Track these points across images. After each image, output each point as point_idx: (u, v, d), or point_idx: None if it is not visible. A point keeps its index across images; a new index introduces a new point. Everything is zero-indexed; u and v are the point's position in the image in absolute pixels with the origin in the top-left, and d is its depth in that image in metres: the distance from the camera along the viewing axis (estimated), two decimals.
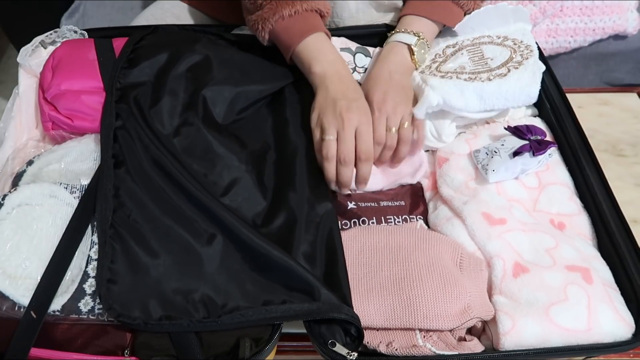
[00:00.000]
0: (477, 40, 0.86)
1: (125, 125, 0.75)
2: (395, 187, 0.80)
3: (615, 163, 0.94)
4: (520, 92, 0.79)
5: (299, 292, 0.63)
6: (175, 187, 0.70)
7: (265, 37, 0.82)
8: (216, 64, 0.82)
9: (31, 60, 0.84)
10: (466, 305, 0.62)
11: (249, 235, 0.66)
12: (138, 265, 0.65)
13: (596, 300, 0.64)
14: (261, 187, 0.75)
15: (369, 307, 0.63)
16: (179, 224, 0.68)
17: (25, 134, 0.81)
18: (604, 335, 0.62)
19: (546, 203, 0.75)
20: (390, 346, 0.62)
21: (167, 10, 1.05)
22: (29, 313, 0.61)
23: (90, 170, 0.74)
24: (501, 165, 0.74)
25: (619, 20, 1.25)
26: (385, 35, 0.86)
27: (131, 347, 0.63)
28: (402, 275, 0.65)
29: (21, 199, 0.68)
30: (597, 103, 1.04)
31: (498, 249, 0.68)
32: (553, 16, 1.25)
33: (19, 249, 0.65)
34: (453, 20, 0.85)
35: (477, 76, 0.79)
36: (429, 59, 0.85)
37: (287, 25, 0.79)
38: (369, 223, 0.74)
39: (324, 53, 0.78)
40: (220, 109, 0.80)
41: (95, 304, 0.64)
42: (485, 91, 0.77)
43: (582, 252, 0.70)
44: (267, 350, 0.62)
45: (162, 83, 0.79)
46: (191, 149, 0.75)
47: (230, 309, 0.63)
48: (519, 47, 0.83)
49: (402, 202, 0.77)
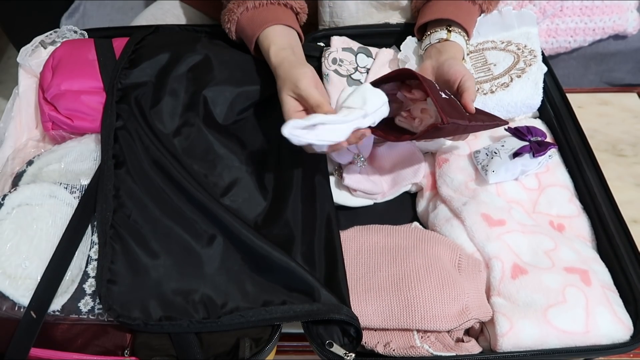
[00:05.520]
0: (481, 46, 0.86)
1: (126, 126, 0.75)
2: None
3: (615, 163, 0.94)
4: (522, 104, 0.80)
5: (299, 293, 0.63)
6: (176, 187, 0.70)
7: (232, 30, 0.81)
8: (217, 65, 0.82)
9: (31, 60, 0.84)
10: (464, 307, 0.63)
11: (249, 236, 0.66)
12: (138, 266, 0.65)
13: (594, 302, 0.64)
14: (261, 187, 0.75)
15: (367, 308, 0.64)
16: (179, 225, 0.68)
17: (25, 134, 0.81)
18: (602, 338, 0.63)
19: (546, 205, 0.76)
20: (388, 347, 0.62)
21: (168, 10, 1.05)
22: (29, 313, 0.61)
23: (90, 170, 0.74)
24: (501, 166, 0.74)
25: (619, 20, 1.25)
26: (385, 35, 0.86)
27: (131, 347, 0.63)
28: (401, 275, 0.65)
29: (21, 199, 0.68)
30: (597, 103, 1.04)
31: (497, 250, 0.68)
32: (553, 16, 1.25)
33: (19, 249, 0.65)
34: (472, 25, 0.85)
35: (480, 87, 0.79)
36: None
37: (251, 16, 0.79)
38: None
39: (281, 40, 0.76)
40: (220, 109, 0.80)
41: (95, 304, 0.64)
42: (487, 105, 0.79)
43: (581, 254, 0.70)
44: (267, 350, 0.62)
45: (163, 83, 0.79)
46: (192, 150, 0.76)
47: (230, 309, 0.63)
48: (522, 52, 0.84)
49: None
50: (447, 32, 0.80)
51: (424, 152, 0.82)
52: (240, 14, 0.79)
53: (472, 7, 0.84)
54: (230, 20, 0.80)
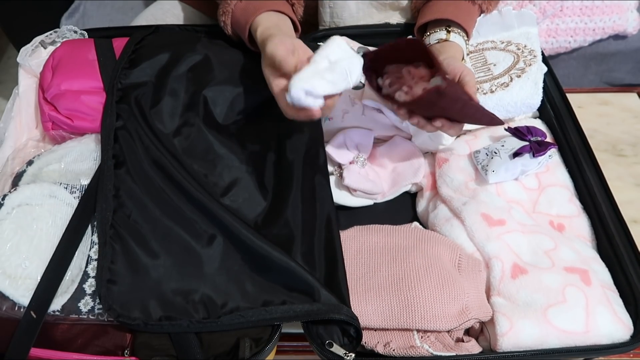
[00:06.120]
0: (481, 46, 0.86)
1: (126, 126, 0.75)
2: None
3: (615, 163, 0.94)
4: (522, 103, 0.80)
5: (299, 293, 0.63)
6: (176, 187, 0.70)
7: (227, 23, 0.81)
8: (217, 64, 0.82)
9: (31, 60, 0.84)
10: (464, 306, 0.63)
11: (248, 236, 0.66)
12: (138, 266, 0.65)
13: (594, 302, 0.64)
14: (261, 187, 0.75)
15: (367, 308, 0.64)
16: (179, 225, 0.68)
17: (25, 134, 0.81)
18: (602, 338, 0.63)
19: (546, 204, 0.76)
20: (388, 347, 0.62)
21: (168, 10, 1.05)
22: (29, 313, 0.61)
23: (90, 170, 0.74)
24: (501, 166, 0.74)
25: (619, 20, 1.25)
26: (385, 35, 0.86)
27: (131, 347, 0.63)
28: (401, 275, 0.65)
29: (21, 199, 0.68)
30: (597, 103, 1.04)
31: (497, 250, 0.68)
32: (553, 16, 1.25)
33: (19, 249, 0.65)
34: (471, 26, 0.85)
35: (480, 87, 0.79)
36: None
37: (245, 6, 0.78)
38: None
39: (269, 22, 0.75)
40: (220, 109, 0.80)
41: (95, 304, 0.64)
42: (487, 105, 0.79)
43: (581, 254, 0.70)
44: (267, 350, 0.62)
45: (163, 83, 0.79)
46: (192, 150, 0.76)
47: (230, 309, 0.63)
48: (522, 52, 0.84)
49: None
50: (447, 33, 0.80)
51: (424, 152, 0.82)
52: (235, 5, 0.79)
53: (472, 7, 0.84)
54: (225, 12, 0.80)
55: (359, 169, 0.78)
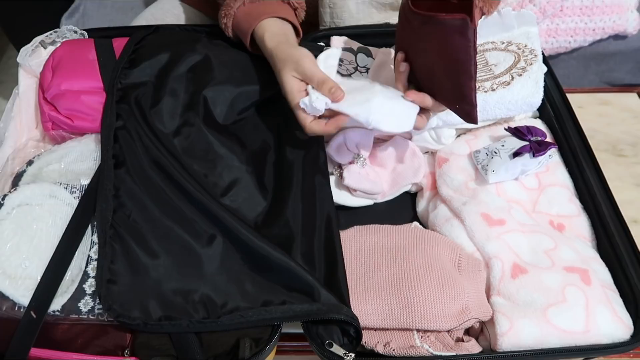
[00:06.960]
0: (481, 48, 0.86)
1: (126, 126, 0.75)
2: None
3: (615, 163, 0.94)
4: (522, 102, 0.80)
5: (299, 293, 0.63)
6: (176, 187, 0.70)
7: (228, 25, 0.81)
8: (217, 64, 0.82)
9: (31, 60, 0.84)
10: (464, 306, 0.63)
11: (248, 236, 0.66)
12: (138, 266, 0.65)
13: (594, 301, 0.64)
14: (261, 187, 0.75)
15: (367, 307, 0.64)
16: (179, 225, 0.68)
17: (25, 134, 0.81)
18: (602, 337, 0.63)
19: (546, 204, 0.76)
20: (388, 346, 0.62)
21: (168, 10, 1.06)
22: (29, 313, 0.61)
23: (90, 170, 0.74)
24: (501, 166, 0.74)
25: (619, 20, 1.25)
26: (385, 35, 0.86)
27: (131, 347, 0.63)
28: (400, 275, 0.65)
29: (21, 199, 0.68)
30: (597, 103, 1.04)
31: (497, 250, 0.68)
32: (553, 16, 1.25)
33: (19, 249, 0.65)
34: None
35: (481, 85, 0.79)
36: None
37: (248, 10, 0.79)
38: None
39: (275, 28, 0.77)
40: (220, 109, 0.80)
41: (95, 304, 0.64)
42: (488, 103, 0.78)
43: (581, 254, 0.70)
44: (267, 350, 0.62)
45: (163, 83, 0.79)
46: (192, 150, 0.76)
47: (230, 309, 0.63)
48: (523, 51, 0.84)
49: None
50: None
51: (424, 152, 0.82)
52: (237, 8, 0.79)
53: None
54: (227, 14, 0.80)
55: (359, 169, 0.78)
